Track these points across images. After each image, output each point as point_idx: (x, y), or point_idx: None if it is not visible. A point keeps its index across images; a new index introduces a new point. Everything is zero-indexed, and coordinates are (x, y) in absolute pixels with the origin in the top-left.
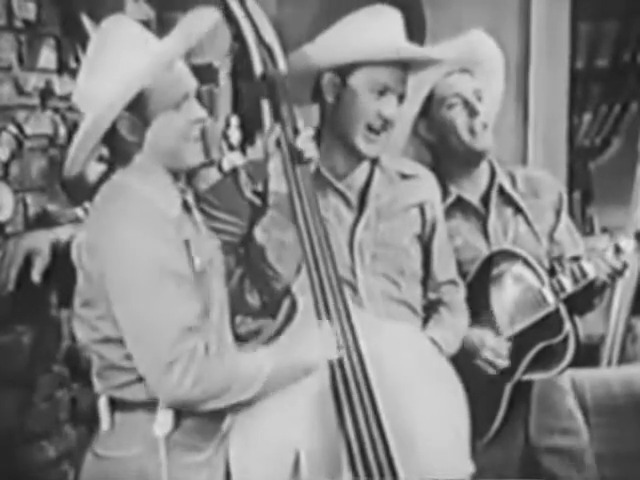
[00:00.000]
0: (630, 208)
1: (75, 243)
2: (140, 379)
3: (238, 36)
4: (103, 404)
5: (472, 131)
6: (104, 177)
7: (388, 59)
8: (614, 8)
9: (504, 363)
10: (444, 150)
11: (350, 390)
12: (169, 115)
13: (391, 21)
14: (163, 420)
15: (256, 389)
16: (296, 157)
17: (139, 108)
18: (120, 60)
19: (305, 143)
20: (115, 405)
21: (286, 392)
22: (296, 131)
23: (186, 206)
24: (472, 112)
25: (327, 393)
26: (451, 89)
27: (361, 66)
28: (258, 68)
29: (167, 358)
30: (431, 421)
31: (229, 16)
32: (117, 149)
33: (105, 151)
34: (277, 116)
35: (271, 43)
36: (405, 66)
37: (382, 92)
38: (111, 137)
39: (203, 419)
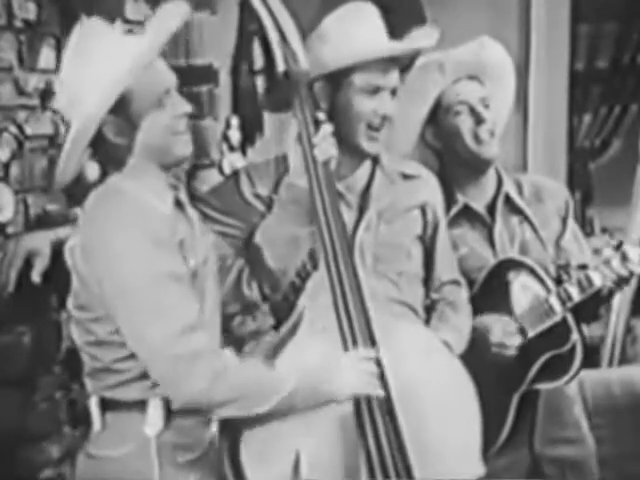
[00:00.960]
0: (630, 209)
1: (68, 247)
2: (132, 380)
3: (259, 33)
4: (94, 404)
5: (478, 139)
6: (102, 178)
7: (373, 59)
8: (614, 9)
9: (516, 341)
10: (451, 157)
11: (370, 397)
12: (155, 114)
13: (369, 19)
14: (153, 419)
15: (273, 403)
16: (314, 156)
17: (122, 110)
18: (98, 65)
19: (324, 140)
20: (106, 405)
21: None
22: (317, 125)
23: (178, 203)
24: (478, 120)
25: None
26: (458, 96)
27: (349, 70)
28: (281, 65)
29: (172, 352)
30: (444, 422)
31: (250, 12)
32: (107, 155)
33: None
34: (299, 112)
35: (294, 41)
36: (393, 59)
37: (375, 91)
38: (100, 144)
39: (194, 418)
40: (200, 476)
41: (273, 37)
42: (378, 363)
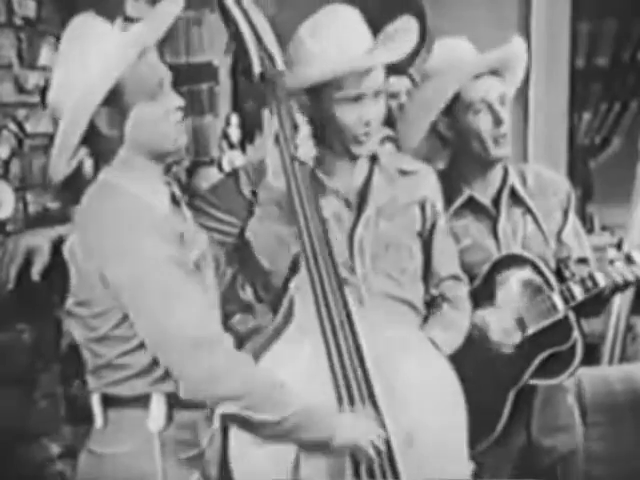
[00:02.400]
0: (630, 206)
1: (67, 246)
2: (135, 375)
3: (236, 35)
4: (96, 401)
5: (496, 140)
6: (96, 175)
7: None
8: (614, 7)
9: (515, 339)
10: (461, 150)
11: (352, 392)
12: (147, 106)
13: (346, 26)
14: (156, 415)
15: (284, 415)
16: (293, 157)
17: (115, 101)
18: (93, 56)
19: (302, 142)
20: (108, 402)
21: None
22: (295, 128)
23: (174, 199)
24: (497, 120)
25: (330, 394)
26: (478, 94)
27: (327, 83)
28: (257, 68)
29: (188, 336)
30: (431, 423)
31: (226, 15)
32: (99, 148)
33: None
34: (275, 114)
35: (269, 42)
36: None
37: (356, 99)
38: (91, 137)
39: (196, 414)
40: (202, 471)
41: (248, 39)
42: (356, 343)
